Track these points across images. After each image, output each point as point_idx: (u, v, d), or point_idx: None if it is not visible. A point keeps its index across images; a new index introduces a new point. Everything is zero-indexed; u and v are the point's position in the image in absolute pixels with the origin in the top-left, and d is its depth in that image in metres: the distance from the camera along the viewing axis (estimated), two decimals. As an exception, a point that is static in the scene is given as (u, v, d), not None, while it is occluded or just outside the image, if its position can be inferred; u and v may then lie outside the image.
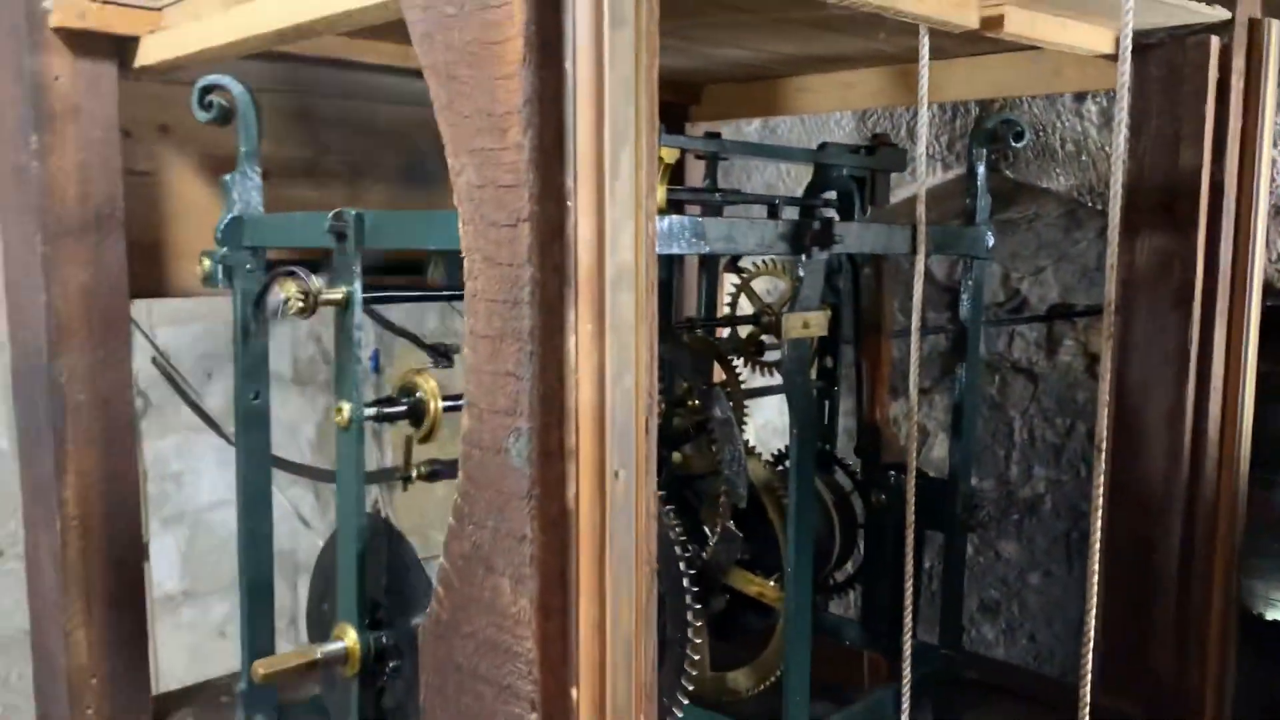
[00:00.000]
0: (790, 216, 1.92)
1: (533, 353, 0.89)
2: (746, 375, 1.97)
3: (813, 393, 1.65)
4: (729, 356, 1.85)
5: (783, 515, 1.65)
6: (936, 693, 1.85)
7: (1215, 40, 1.73)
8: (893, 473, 1.91)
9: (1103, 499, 1.33)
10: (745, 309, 2.02)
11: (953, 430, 1.86)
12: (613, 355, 0.88)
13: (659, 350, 0.94)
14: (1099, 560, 1.31)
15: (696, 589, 1.51)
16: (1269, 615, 2.87)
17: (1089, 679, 1.34)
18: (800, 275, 1.50)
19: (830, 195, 1.97)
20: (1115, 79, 1.29)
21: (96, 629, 1.71)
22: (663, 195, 1.60)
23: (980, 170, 1.81)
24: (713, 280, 2.11)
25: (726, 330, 1.98)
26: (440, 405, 1.34)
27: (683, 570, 1.50)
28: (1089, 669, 1.33)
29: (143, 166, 1.82)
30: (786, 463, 1.76)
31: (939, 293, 3.47)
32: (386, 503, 3.55)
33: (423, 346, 1.79)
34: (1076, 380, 3.56)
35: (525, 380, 0.90)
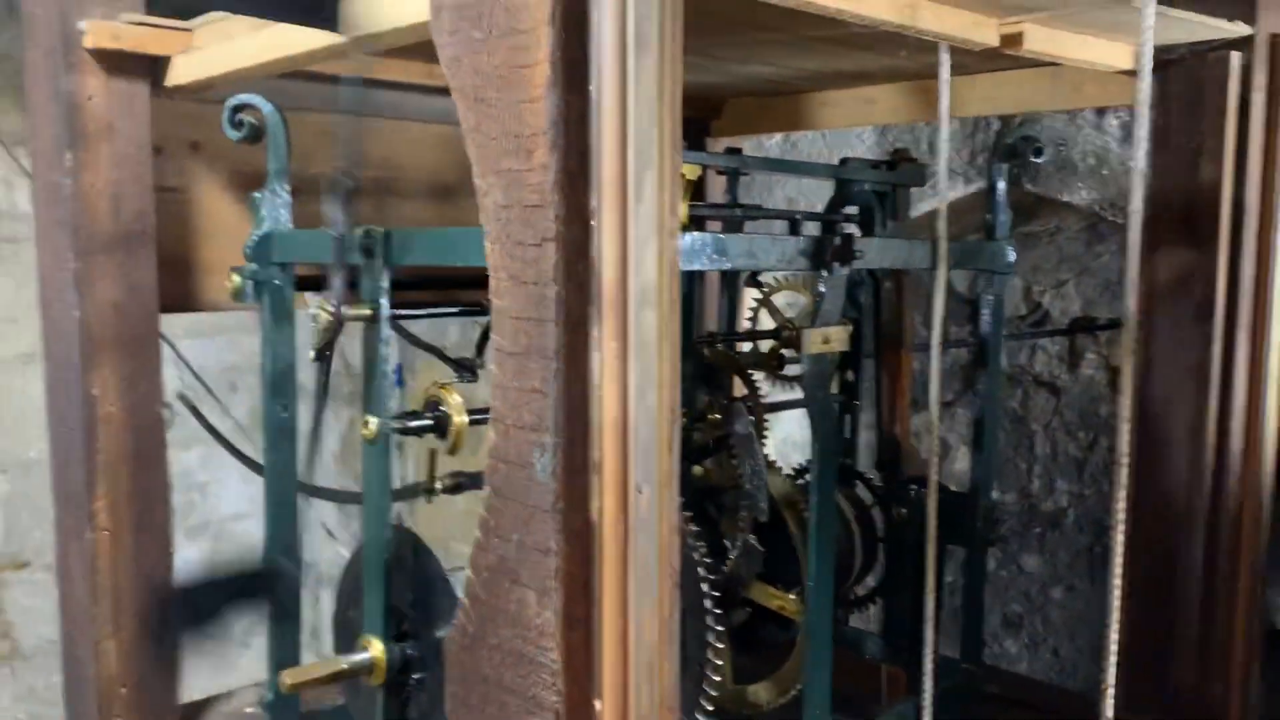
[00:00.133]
0: (811, 231, 1.93)
1: (558, 370, 0.91)
2: (768, 389, 1.98)
3: (833, 407, 1.66)
4: (750, 371, 1.87)
5: (804, 529, 1.66)
6: (957, 707, 1.85)
7: (1236, 56, 1.74)
8: (913, 487, 1.91)
9: (1126, 513, 1.33)
10: (766, 323, 2.03)
11: (973, 444, 1.86)
12: (636, 372, 0.90)
13: (680, 365, 0.95)
14: (1120, 574, 1.31)
15: (717, 602, 1.52)
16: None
17: (1110, 693, 1.34)
18: (821, 290, 1.51)
19: (851, 210, 1.98)
20: (1135, 95, 1.30)
21: (126, 639, 1.73)
22: (684, 211, 1.62)
23: (1000, 186, 1.82)
24: (734, 295, 2.13)
25: (748, 344, 1.99)
26: (465, 419, 1.36)
27: (704, 583, 1.51)
28: (1110, 682, 1.33)
29: (173, 183, 1.85)
30: (807, 477, 1.76)
31: (960, 306, 3.47)
32: (408, 514, 3.58)
33: (447, 361, 1.80)
34: (1099, 394, 3.55)
35: (550, 397, 0.91)
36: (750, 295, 2.09)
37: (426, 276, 1.58)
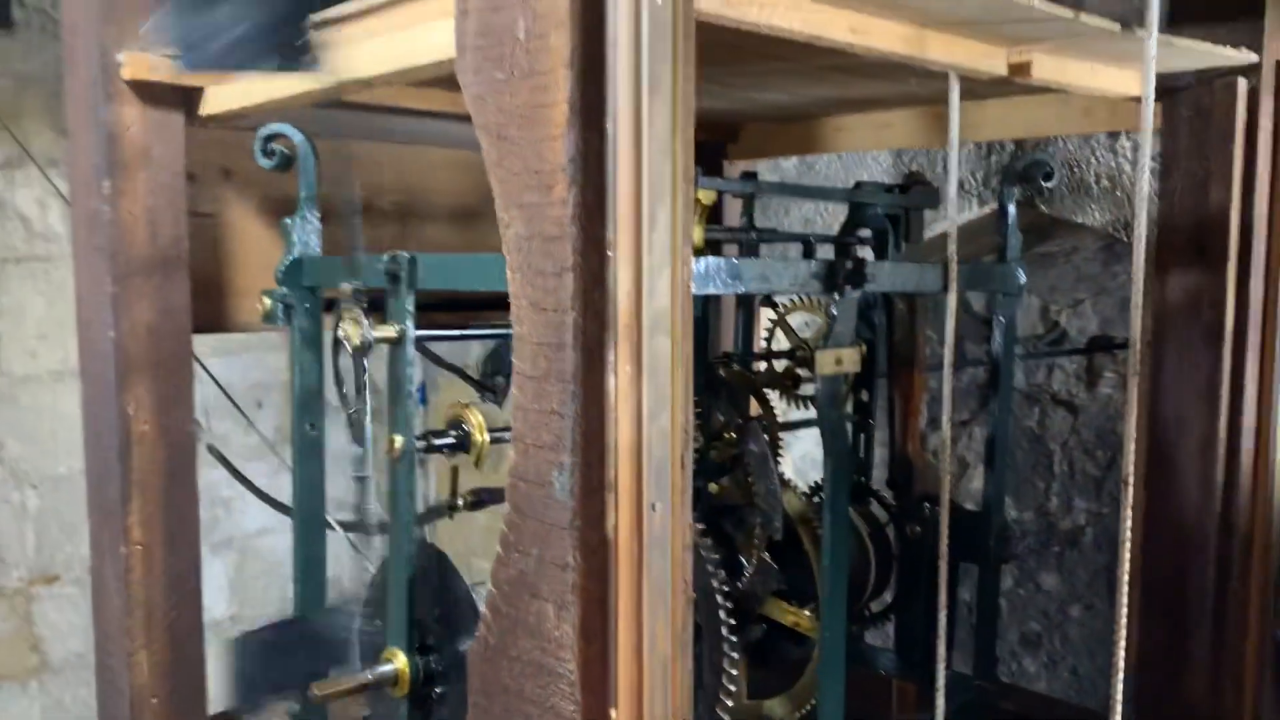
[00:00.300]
0: (826, 254, 1.97)
1: (575, 393, 0.95)
2: (784, 408, 2.02)
3: (847, 426, 1.69)
4: (765, 390, 1.90)
5: (818, 546, 1.69)
6: (971, 723, 1.88)
7: (1243, 82, 1.76)
8: (927, 505, 1.94)
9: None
10: (782, 343, 2.07)
11: (986, 463, 1.89)
12: (650, 395, 0.94)
13: (695, 385, 1.00)
14: (1127, 591, 1.33)
15: (733, 618, 1.55)
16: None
17: (1119, 709, 1.36)
18: (833, 313, 1.55)
19: (865, 233, 2.02)
20: (1140, 123, 1.34)
21: (158, 650, 1.78)
22: (700, 236, 1.66)
23: (1011, 209, 1.85)
24: (749, 315, 2.16)
25: (763, 364, 2.03)
26: (487, 438, 1.40)
27: (720, 598, 1.55)
28: (1118, 698, 1.35)
29: (206, 209, 1.91)
30: (822, 495, 1.80)
31: (977, 325, 3.48)
32: (430, 531, 3.62)
33: (469, 380, 1.85)
34: (1117, 412, 3.56)
35: (568, 418, 0.96)
36: (766, 315, 2.13)
37: (443, 298, 1.63)
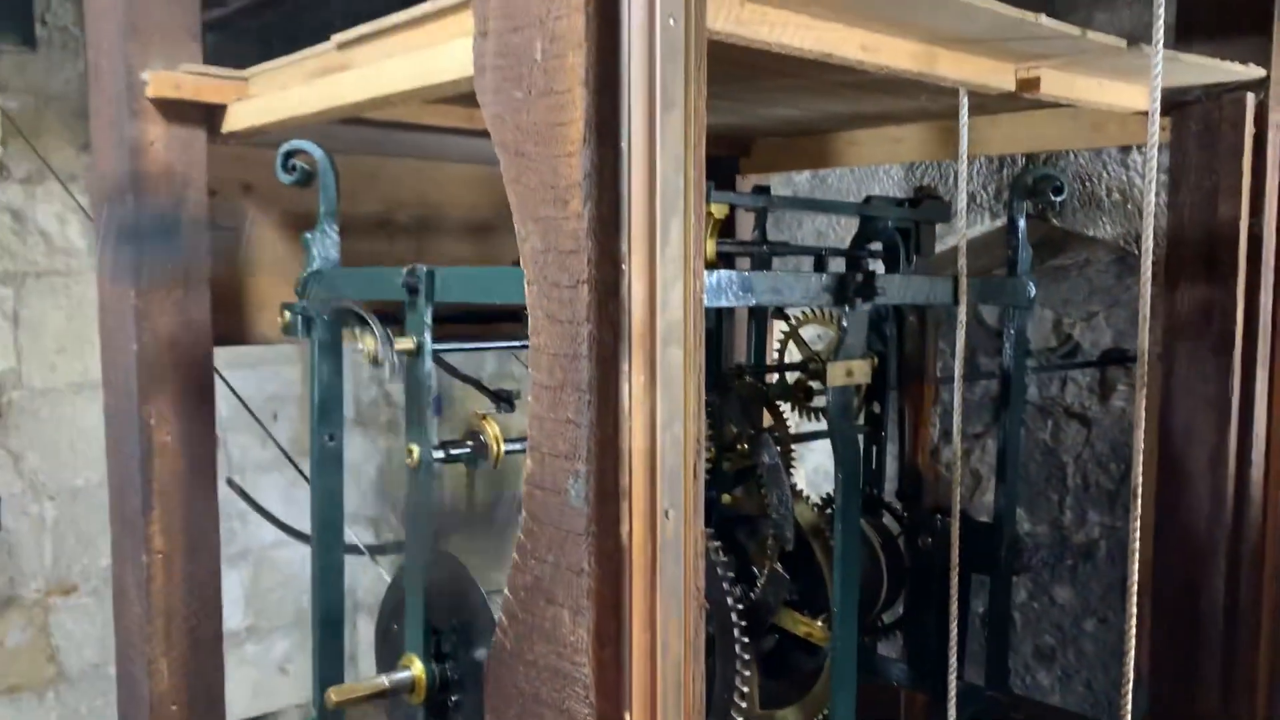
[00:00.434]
0: (837, 267, 1.99)
1: (590, 402, 0.97)
2: (796, 420, 2.03)
3: (858, 438, 1.71)
4: (777, 402, 1.92)
5: (830, 557, 1.71)
6: (982, 733, 1.88)
7: (1251, 97, 1.78)
8: (939, 516, 1.95)
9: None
10: (794, 355, 2.09)
11: (997, 476, 1.90)
12: (663, 404, 0.96)
13: (708, 397, 1.02)
14: (1136, 602, 1.35)
15: (746, 627, 1.56)
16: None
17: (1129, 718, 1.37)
18: (844, 325, 1.57)
19: (876, 246, 2.04)
20: (1147, 138, 1.35)
21: (177, 658, 1.80)
22: (712, 249, 1.68)
23: (1020, 223, 1.86)
24: (761, 327, 2.18)
25: (775, 376, 2.04)
26: (503, 448, 1.42)
27: (732, 608, 1.56)
28: (1128, 708, 1.36)
29: (226, 222, 1.94)
30: (834, 506, 1.81)
31: (990, 338, 3.50)
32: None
33: (485, 391, 1.87)
34: (1130, 425, 3.55)
35: (584, 427, 0.98)
36: (778, 328, 2.15)
37: (459, 310, 1.66)
